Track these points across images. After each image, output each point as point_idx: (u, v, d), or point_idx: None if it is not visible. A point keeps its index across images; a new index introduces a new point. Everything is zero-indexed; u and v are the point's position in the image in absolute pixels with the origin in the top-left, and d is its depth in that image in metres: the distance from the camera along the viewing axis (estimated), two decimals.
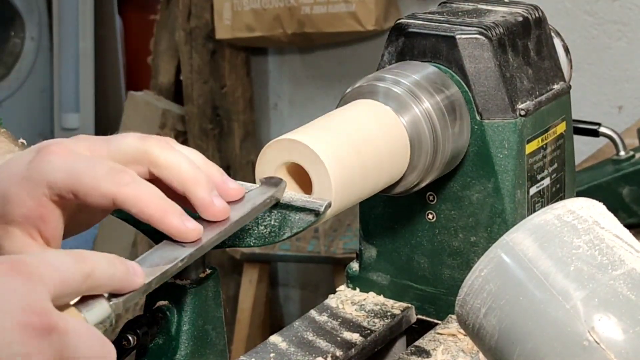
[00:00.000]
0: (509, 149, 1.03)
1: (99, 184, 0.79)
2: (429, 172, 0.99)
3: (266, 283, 3.07)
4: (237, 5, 3.07)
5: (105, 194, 0.79)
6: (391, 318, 1.09)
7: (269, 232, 0.86)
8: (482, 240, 1.05)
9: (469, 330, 0.81)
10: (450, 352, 1.01)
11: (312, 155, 0.87)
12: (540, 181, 1.07)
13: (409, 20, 1.07)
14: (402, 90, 0.98)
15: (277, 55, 3.30)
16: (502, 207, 1.04)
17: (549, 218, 0.79)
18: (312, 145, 0.88)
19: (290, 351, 1.02)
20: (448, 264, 1.08)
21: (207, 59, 3.24)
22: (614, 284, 0.75)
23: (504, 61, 1.04)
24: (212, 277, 0.87)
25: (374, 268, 1.13)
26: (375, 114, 0.97)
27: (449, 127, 1.00)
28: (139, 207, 0.79)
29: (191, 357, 0.85)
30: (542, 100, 1.07)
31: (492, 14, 1.08)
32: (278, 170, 0.89)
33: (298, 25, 2.99)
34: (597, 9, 2.64)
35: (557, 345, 0.74)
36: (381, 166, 0.93)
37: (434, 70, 1.03)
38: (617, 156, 1.67)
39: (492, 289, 0.78)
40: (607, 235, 0.78)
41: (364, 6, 2.89)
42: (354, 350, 1.03)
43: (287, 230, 0.85)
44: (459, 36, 1.03)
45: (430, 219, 1.08)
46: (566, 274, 0.76)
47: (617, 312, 0.74)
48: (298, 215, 0.85)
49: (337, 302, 1.12)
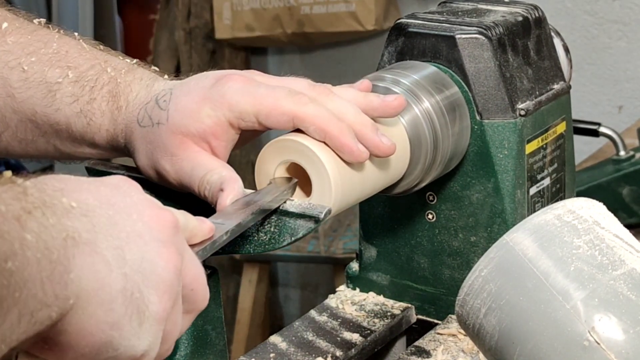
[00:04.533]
0: (509, 149, 1.03)
1: (280, 103, 0.87)
2: (429, 172, 0.99)
3: (266, 283, 3.07)
4: (237, 5, 3.07)
5: (287, 112, 0.87)
6: (391, 318, 1.09)
7: (268, 239, 0.86)
8: (482, 240, 1.05)
9: (469, 330, 0.81)
10: (450, 352, 1.01)
11: (312, 155, 0.87)
12: (540, 181, 1.07)
13: (408, 20, 1.07)
14: (402, 90, 0.98)
15: (276, 55, 3.30)
16: (502, 207, 1.04)
17: (549, 218, 0.79)
18: (311, 145, 0.88)
19: (290, 351, 1.02)
20: (448, 264, 1.08)
21: (206, 59, 3.24)
22: (614, 284, 0.75)
23: (504, 61, 1.04)
24: (212, 277, 0.86)
25: (374, 268, 1.13)
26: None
27: (449, 127, 1.00)
28: (317, 124, 0.86)
29: (191, 357, 0.85)
30: (542, 100, 1.07)
31: (492, 14, 1.08)
32: (278, 170, 0.89)
33: (298, 25, 2.99)
34: (597, 8, 2.63)
35: (558, 345, 0.74)
36: (381, 166, 0.93)
37: (434, 70, 1.03)
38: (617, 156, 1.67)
39: (492, 289, 0.77)
40: (607, 235, 0.78)
41: (363, 6, 2.89)
42: (354, 351, 1.03)
43: (286, 236, 0.85)
44: (458, 36, 1.03)
45: (430, 219, 1.08)
46: (566, 274, 0.75)
47: (618, 312, 0.74)
48: (298, 221, 0.85)
49: (337, 302, 1.12)
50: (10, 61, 0.95)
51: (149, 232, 0.66)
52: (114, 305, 0.61)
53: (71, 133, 0.95)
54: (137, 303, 0.63)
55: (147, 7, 3.79)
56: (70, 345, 0.61)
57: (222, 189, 0.85)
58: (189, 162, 0.89)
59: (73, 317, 0.60)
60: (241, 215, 0.82)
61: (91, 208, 0.63)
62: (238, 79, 0.90)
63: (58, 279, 0.58)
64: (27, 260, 0.55)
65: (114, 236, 0.63)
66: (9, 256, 0.54)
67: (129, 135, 0.93)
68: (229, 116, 0.88)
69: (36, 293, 0.56)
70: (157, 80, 0.95)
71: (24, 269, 0.55)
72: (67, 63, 0.95)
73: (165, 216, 0.68)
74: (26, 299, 0.55)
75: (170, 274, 0.66)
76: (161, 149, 0.90)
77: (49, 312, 0.58)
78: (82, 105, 0.94)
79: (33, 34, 0.96)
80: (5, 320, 0.54)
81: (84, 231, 0.61)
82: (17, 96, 0.95)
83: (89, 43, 0.98)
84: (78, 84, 0.94)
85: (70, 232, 0.60)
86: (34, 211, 0.58)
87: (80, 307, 0.60)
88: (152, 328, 0.65)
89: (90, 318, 0.61)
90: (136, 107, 0.93)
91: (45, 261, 0.57)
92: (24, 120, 0.95)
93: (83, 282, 0.60)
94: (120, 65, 0.96)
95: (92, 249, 0.61)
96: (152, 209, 0.68)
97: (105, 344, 0.62)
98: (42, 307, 0.57)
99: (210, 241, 0.77)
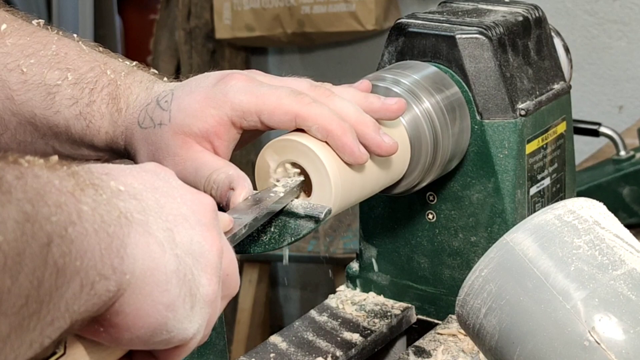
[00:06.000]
0: (509, 149, 1.03)
1: (283, 102, 0.88)
2: (429, 172, 0.99)
3: (266, 283, 3.07)
4: (237, 5, 3.07)
5: (289, 111, 0.87)
6: (391, 318, 1.09)
7: (268, 239, 0.86)
8: (482, 240, 1.05)
9: (470, 330, 0.81)
10: (450, 353, 1.01)
11: (312, 155, 0.87)
12: (540, 181, 1.07)
13: (409, 20, 1.07)
14: (402, 90, 0.98)
15: (277, 55, 3.30)
16: (502, 207, 1.04)
17: (549, 218, 0.79)
18: (311, 145, 0.88)
19: (290, 351, 1.02)
20: (448, 264, 1.08)
21: (206, 59, 3.24)
22: (615, 284, 0.75)
23: (504, 61, 1.04)
24: None
25: (374, 268, 1.13)
26: None
27: (449, 127, 1.00)
28: (320, 124, 0.87)
29: (191, 357, 0.85)
30: (542, 100, 1.07)
31: (492, 14, 1.08)
32: (278, 170, 0.89)
33: (298, 25, 2.99)
34: (598, 8, 2.63)
35: (558, 346, 0.74)
36: (381, 166, 0.93)
37: (434, 70, 1.03)
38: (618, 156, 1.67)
39: (492, 289, 0.77)
40: (608, 235, 0.78)
41: (364, 6, 2.89)
42: (354, 351, 1.03)
43: (287, 237, 0.85)
44: (459, 36, 1.03)
45: (430, 219, 1.08)
46: (566, 274, 0.75)
47: (618, 312, 0.74)
48: (298, 221, 0.85)
49: (337, 302, 1.12)
50: (9, 63, 0.95)
51: (193, 215, 0.67)
52: (169, 286, 0.62)
53: (70, 135, 0.95)
54: (190, 285, 0.64)
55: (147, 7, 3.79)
56: (127, 326, 0.61)
57: (233, 187, 0.86)
58: (192, 162, 0.89)
59: (130, 297, 0.60)
60: (255, 211, 0.82)
61: (138, 191, 0.64)
62: (240, 78, 0.90)
63: (115, 252, 0.58)
64: (86, 230, 0.56)
65: (163, 219, 0.64)
66: (68, 224, 0.55)
67: (129, 137, 0.93)
68: (232, 115, 0.89)
69: (95, 264, 0.56)
70: (156, 82, 0.95)
71: (83, 239, 0.56)
72: (66, 65, 0.95)
73: (206, 200, 0.69)
74: (87, 268, 0.56)
75: (216, 256, 0.67)
76: (163, 149, 0.90)
77: (107, 284, 0.58)
78: (82, 108, 0.94)
79: (32, 35, 0.96)
80: (69, 288, 0.55)
81: (135, 212, 0.62)
82: (16, 98, 0.95)
83: (88, 45, 0.98)
84: (77, 86, 0.94)
85: (123, 211, 0.61)
86: (87, 189, 0.58)
87: (136, 286, 0.60)
88: (202, 311, 0.65)
89: (147, 298, 0.61)
90: (136, 109, 0.93)
91: (103, 233, 0.57)
92: (23, 123, 0.96)
93: (138, 261, 0.60)
94: (119, 68, 0.96)
95: (145, 229, 0.61)
96: (192, 193, 0.69)
97: (160, 325, 0.62)
98: (100, 278, 0.57)
99: (231, 234, 0.77)
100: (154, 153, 0.91)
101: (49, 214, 0.53)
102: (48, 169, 0.56)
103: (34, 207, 0.52)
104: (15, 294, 0.51)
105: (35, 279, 0.52)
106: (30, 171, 0.54)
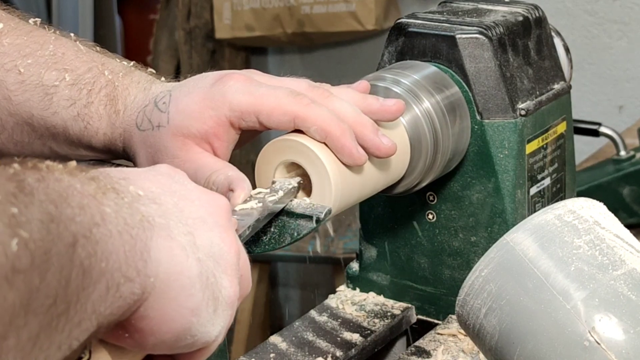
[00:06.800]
0: (509, 149, 1.03)
1: (282, 103, 0.87)
2: (429, 172, 0.99)
3: (266, 283, 3.07)
4: (237, 5, 3.07)
5: (288, 112, 0.87)
6: (391, 318, 1.09)
7: (269, 239, 0.86)
8: (482, 240, 1.05)
9: (470, 330, 0.81)
10: (450, 353, 1.01)
11: (312, 155, 0.87)
12: (540, 181, 1.07)
13: (409, 19, 1.07)
14: (402, 90, 0.98)
15: (277, 54, 3.30)
16: (502, 207, 1.03)
17: (550, 218, 0.79)
18: (312, 145, 0.87)
19: (290, 351, 1.02)
20: (448, 264, 1.08)
21: (206, 59, 3.24)
22: (615, 284, 0.75)
23: (504, 61, 1.03)
24: None
25: (374, 268, 1.13)
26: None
27: (449, 127, 1.00)
28: (319, 125, 0.86)
29: None
30: (543, 100, 1.06)
31: (492, 14, 1.08)
32: (278, 170, 0.89)
33: (298, 25, 2.99)
34: (598, 8, 2.63)
35: (558, 346, 0.74)
36: (381, 166, 0.93)
37: (434, 70, 1.03)
38: (618, 156, 1.67)
39: (492, 289, 0.77)
40: (608, 235, 0.78)
41: (364, 6, 2.89)
42: (354, 351, 1.03)
43: (287, 236, 0.85)
44: (459, 36, 1.03)
45: (430, 219, 1.08)
46: (567, 274, 0.75)
47: (618, 312, 0.74)
48: (298, 221, 0.85)
49: (337, 302, 1.12)
50: (6, 63, 0.94)
51: (210, 217, 0.67)
52: (193, 291, 0.62)
53: (68, 136, 0.95)
54: (212, 288, 0.64)
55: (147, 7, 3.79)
56: (152, 331, 0.61)
57: (232, 189, 0.85)
58: (191, 163, 0.89)
59: (155, 301, 0.60)
60: (256, 212, 0.82)
61: (157, 195, 0.64)
62: (239, 78, 0.89)
63: (139, 255, 0.58)
64: (110, 232, 0.56)
65: (183, 222, 0.64)
66: (92, 225, 0.55)
67: (127, 139, 0.93)
68: (230, 116, 0.88)
69: (120, 266, 0.57)
70: (154, 83, 0.95)
71: (107, 240, 0.56)
72: (63, 65, 0.95)
73: (221, 201, 0.69)
74: (112, 270, 0.56)
75: (234, 258, 0.67)
76: (162, 152, 0.90)
77: (132, 287, 0.58)
78: (79, 109, 0.94)
79: (29, 35, 0.96)
80: (95, 289, 0.55)
81: (157, 216, 0.62)
82: (13, 99, 0.94)
83: (86, 44, 0.98)
84: (75, 87, 0.94)
85: (145, 215, 0.61)
86: (108, 192, 0.58)
87: (161, 290, 0.60)
88: (224, 313, 0.66)
89: (172, 303, 0.61)
90: (134, 111, 0.92)
91: (127, 235, 0.58)
92: (21, 123, 0.95)
93: (162, 265, 0.60)
94: (117, 68, 0.96)
95: (167, 233, 0.62)
96: (208, 194, 0.69)
97: (185, 330, 0.62)
98: (125, 281, 0.57)
99: (236, 235, 0.77)
100: (153, 155, 0.91)
101: (73, 215, 0.53)
102: (68, 174, 0.57)
103: (57, 208, 0.53)
104: (44, 293, 0.51)
105: (63, 279, 0.52)
106: (51, 175, 0.55)
